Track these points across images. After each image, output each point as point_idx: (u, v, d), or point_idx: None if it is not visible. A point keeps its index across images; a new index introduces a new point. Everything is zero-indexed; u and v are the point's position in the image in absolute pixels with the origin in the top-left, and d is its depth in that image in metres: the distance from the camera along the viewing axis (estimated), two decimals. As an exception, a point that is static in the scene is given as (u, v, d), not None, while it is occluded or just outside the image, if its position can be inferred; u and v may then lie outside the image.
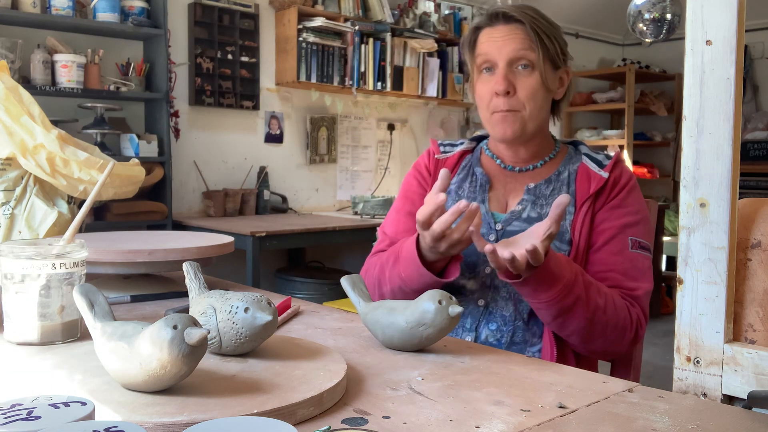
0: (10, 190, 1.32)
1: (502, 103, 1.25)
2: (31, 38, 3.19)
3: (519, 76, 1.25)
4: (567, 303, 1.09)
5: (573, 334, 1.14)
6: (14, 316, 0.91)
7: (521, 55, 1.24)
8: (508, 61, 1.24)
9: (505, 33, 1.25)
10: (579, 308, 1.10)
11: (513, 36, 1.24)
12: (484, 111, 1.29)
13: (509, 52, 1.24)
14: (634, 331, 1.17)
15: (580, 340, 1.15)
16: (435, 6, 4.81)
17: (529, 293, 1.10)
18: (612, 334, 1.15)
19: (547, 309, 1.11)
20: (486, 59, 1.26)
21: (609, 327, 1.14)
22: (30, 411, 0.53)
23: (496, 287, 1.25)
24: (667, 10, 3.86)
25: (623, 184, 1.27)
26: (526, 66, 1.24)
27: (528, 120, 1.26)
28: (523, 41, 1.24)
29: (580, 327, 1.12)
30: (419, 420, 0.69)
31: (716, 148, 0.77)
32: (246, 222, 3.56)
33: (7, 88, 1.29)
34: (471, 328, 1.25)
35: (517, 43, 1.24)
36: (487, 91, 1.27)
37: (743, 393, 0.77)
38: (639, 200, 1.28)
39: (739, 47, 0.76)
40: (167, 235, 1.48)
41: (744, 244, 0.83)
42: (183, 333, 0.66)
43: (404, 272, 1.18)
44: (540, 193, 1.29)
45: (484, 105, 1.28)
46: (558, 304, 1.09)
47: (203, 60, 3.75)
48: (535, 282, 1.07)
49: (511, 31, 1.25)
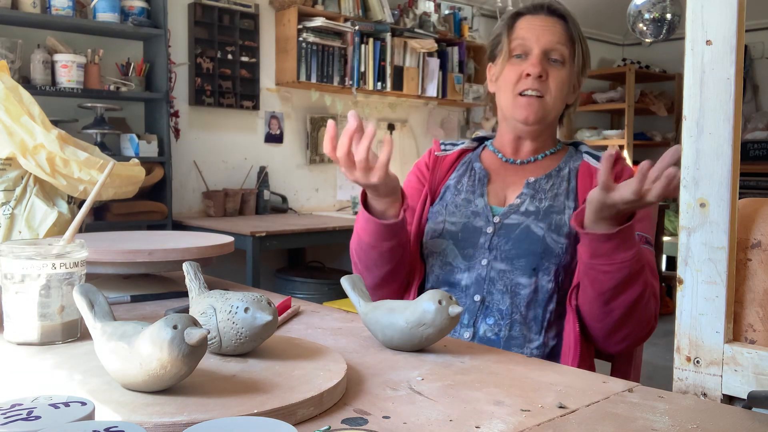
0: (10, 190, 1.32)
1: (532, 82, 1.27)
2: (31, 38, 3.19)
3: (550, 67, 1.28)
4: (636, 268, 1.08)
5: (619, 308, 1.11)
6: (14, 316, 0.91)
7: (557, 48, 1.28)
8: (544, 50, 1.28)
9: (546, 23, 1.29)
10: (642, 278, 1.09)
11: (553, 28, 1.28)
12: (509, 93, 1.30)
13: (547, 42, 1.28)
14: (652, 325, 1.16)
15: (621, 317, 1.12)
16: (435, 6, 4.81)
17: (611, 249, 1.07)
18: (644, 320, 1.14)
19: (617, 272, 1.08)
20: (522, 44, 1.29)
21: (648, 309, 1.13)
22: (30, 411, 0.53)
23: (492, 280, 1.25)
24: (667, 10, 3.86)
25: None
26: (557, 60, 1.28)
27: (551, 109, 1.30)
28: (561, 36, 1.28)
29: (632, 300, 1.10)
30: (419, 420, 0.69)
31: (716, 148, 0.77)
32: (246, 222, 3.56)
33: (7, 88, 1.29)
34: (469, 324, 1.25)
35: (556, 36, 1.28)
36: (516, 74, 1.29)
37: (743, 393, 0.77)
38: None
39: (739, 47, 0.76)
40: (167, 235, 1.48)
41: (744, 244, 0.83)
42: (183, 333, 0.66)
43: (358, 226, 1.24)
44: (540, 187, 1.31)
45: (510, 86, 1.30)
46: (631, 266, 1.07)
47: (203, 60, 3.75)
48: (622, 239, 1.05)
49: (552, 24, 1.29)
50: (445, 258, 1.30)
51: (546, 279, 1.22)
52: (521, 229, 1.25)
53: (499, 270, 1.25)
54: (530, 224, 1.25)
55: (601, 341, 1.19)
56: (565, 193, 1.29)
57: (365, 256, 1.26)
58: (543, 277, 1.22)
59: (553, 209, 1.27)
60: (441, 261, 1.30)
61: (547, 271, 1.22)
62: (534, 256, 1.23)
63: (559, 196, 1.29)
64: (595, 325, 1.17)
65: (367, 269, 1.28)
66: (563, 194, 1.29)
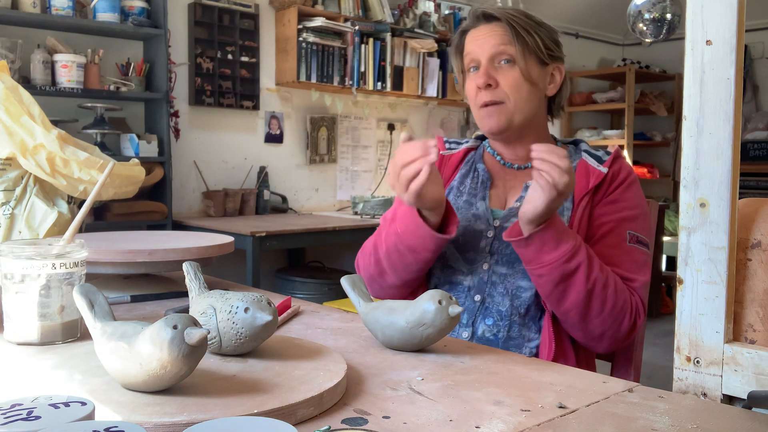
0: (10, 190, 1.32)
1: (485, 95, 1.28)
2: (31, 38, 3.19)
3: (501, 71, 1.28)
4: (570, 267, 1.09)
5: (572, 309, 1.13)
6: (14, 316, 0.91)
7: (501, 50, 1.27)
8: (490, 57, 1.28)
9: (486, 32, 1.29)
10: (581, 275, 1.10)
11: (493, 33, 1.28)
12: (473, 107, 1.32)
13: (489, 48, 1.28)
14: (633, 319, 1.16)
15: (579, 317, 1.14)
16: (435, 6, 4.81)
17: (534, 253, 1.10)
18: (611, 314, 1.14)
19: (549, 273, 1.10)
20: (471, 58, 1.31)
21: (608, 305, 1.13)
22: (30, 411, 0.53)
23: (493, 283, 1.25)
24: (667, 10, 3.86)
25: (622, 179, 1.27)
26: (507, 61, 1.28)
27: (514, 112, 1.28)
28: (502, 37, 1.28)
29: (580, 299, 1.11)
30: (419, 420, 0.69)
31: (716, 148, 0.77)
32: (246, 222, 3.56)
33: (7, 88, 1.29)
34: (468, 323, 1.25)
35: (497, 39, 1.28)
36: (473, 87, 1.30)
37: (743, 393, 0.77)
38: (638, 195, 1.28)
39: (739, 47, 0.76)
40: (167, 235, 1.48)
41: (744, 244, 0.83)
42: (183, 333, 0.66)
43: (400, 227, 1.21)
44: None
45: (472, 101, 1.32)
46: (562, 267, 1.09)
47: (203, 60, 3.75)
48: (541, 241, 1.08)
49: (492, 30, 1.29)
50: (446, 261, 1.30)
51: None
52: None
53: (501, 273, 1.25)
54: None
55: (583, 342, 1.21)
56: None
57: (399, 259, 1.24)
58: None
59: None
60: (442, 263, 1.30)
61: None
62: None
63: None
64: (568, 329, 1.19)
65: (393, 270, 1.26)
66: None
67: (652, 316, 4.81)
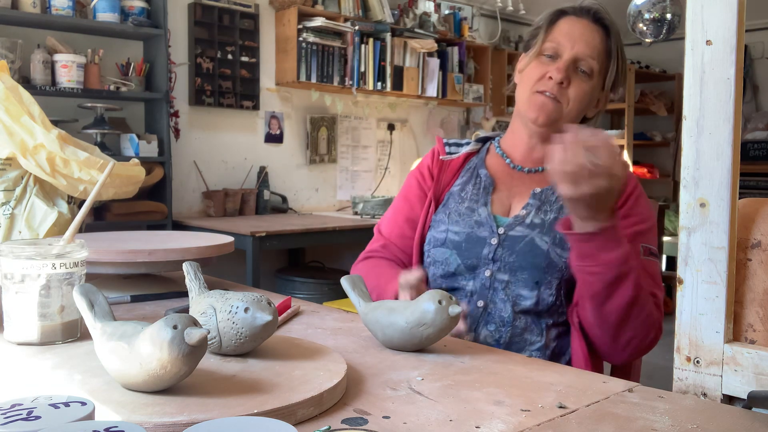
0: (10, 190, 1.32)
1: (551, 87, 1.25)
2: (31, 38, 3.19)
3: (575, 76, 1.26)
4: (625, 269, 1.07)
5: (615, 311, 1.11)
6: (14, 316, 0.91)
7: (588, 60, 1.25)
8: (575, 58, 1.25)
9: (586, 31, 1.26)
10: (631, 279, 1.08)
11: (591, 37, 1.26)
12: (527, 89, 1.29)
13: (580, 51, 1.25)
14: (656, 333, 1.15)
15: (619, 320, 1.11)
16: (435, 6, 4.81)
17: (595, 249, 1.07)
18: (644, 323, 1.12)
19: (605, 273, 1.07)
20: (555, 46, 1.27)
21: (644, 314, 1.11)
22: (30, 411, 0.53)
23: (495, 289, 1.25)
24: (667, 10, 3.85)
25: (630, 192, 1.26)
26: (584, 72, 1.26)
27: (564, 118, 1.27)
28: (596, 47, 1.26)
29: (625, 303, 1.09)
30: (419, 420, 0.69)
31: (716, 148, 0.77)
32: (246, 222, 3.56)
33: (7, 88, 1.29)
34: (470, 329, 1.24)
35: (591, 47, 1.25)
36: (540, 73, 1.27)
37: (743, 393, 0.77)
38: (647, 206, 1.27)
39: (739, 47, 0.76)
40: (167, 235, 1.48)
41: (744, 244, 0.83)
42: (183, 333, 0.66)
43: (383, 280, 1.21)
44: (546, 198, 1.28)
45: (530, 83, 1.28)
46: (619, 267, 1.06)
47: (203, 60, 3.75)
48: (605, 239, 1.05)
49: (592, 32, 1.26)
50: (447, 267, 1.28)
51: (548, 293, 1.21)
52: (526, 242, 1.23)
53: (502, 281, 1.24)
54: (535, 237, 1.23)
55: (606, 349, 1.18)
56: None
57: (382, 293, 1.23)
58: (545, 290, 1.21)
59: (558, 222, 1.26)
60: (443, 270, 1.29)
61: (549, 285, 1.21)
62: (537, 269, 1.21)
63: (565, 208, 1.27)
64: (597, 333, 1.16)
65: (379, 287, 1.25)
66: None
67: (652, 316, 4.80)
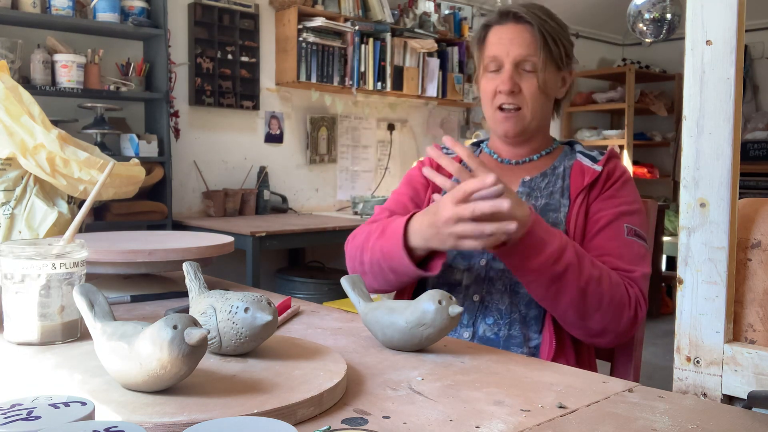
0: (10, 190, 1.32)
1: (504, 99, 1.29)
2: (31, 38, 3.19)
3: (524, 77, 1.29)
4: (559, 268, 1.08)
5: (569, 309, 1.12)
6: (14, 316, 0.91)
7: (527, 59, 1.28)
8: (515, 63, 1.28)
9: (513, 34, 1.29)
10: (571, 276, 1.09)
11: (521, 38, 1.28)
12: (488, 107, 1.33)
13: (517, 55, 1.28)
14: (633, 310, 1.15)
15: (577, 316, 1.13)
16: (435, 6, 4.81)
17: (519, 260, 1.09)
18: (609, 308, 1.12)
19: (537, 279, 1.10)
20: (493, 58, 1.30)
21: (605, 300, 1.12)
22: (30, 411, 0.53)
23: (491, 280, 1.25)
24: (667, 10, 3.85)
25: (617, 177, 1.29)
26: (530, 70, 1.29)
27: (530, 119, 1.30)
28: (530, 45, 1.28)
29: (574, 298, 1.10)
30: (419, 420, 0.69)
31: (716, 148, 0.77)
32: (246, 222, 3.56)
33: (7, 88, 1.29)
34: (468, 324, 1.25)
35: (524, 48, 1.28)
36: (492, 88, 1.31)
37: (743, 393, 0.77)
38: (633, 192, 1.29)
39: (739, 47, 0.76)
40: (167, 235, 1.48)
41: (744, 244, 0.83)
42: (183, 333, 0.66)
43: (385, 247, 1.18)
44: (535, 185, 1.32)
45: (489, 100, 1.32)
46: (550, 269, 1.08)
47: (203, 60, 3.75)
48: (525, 247, 1.07)
49: (520, 33, 1.29)
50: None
51: None
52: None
53: (498, 269, 1.25)
54: None
55: (587, 340, 1.20)
56: (560, 191, 1.30)
57: (380, 273, 1.21)
58: None
59: (549, 207, 1.28)
60: None
61: None
62: None
63: (555, 194, 1.30)
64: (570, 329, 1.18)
65: (374, 278, 1.24)
66: (558, 192, 1.30)
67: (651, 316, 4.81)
